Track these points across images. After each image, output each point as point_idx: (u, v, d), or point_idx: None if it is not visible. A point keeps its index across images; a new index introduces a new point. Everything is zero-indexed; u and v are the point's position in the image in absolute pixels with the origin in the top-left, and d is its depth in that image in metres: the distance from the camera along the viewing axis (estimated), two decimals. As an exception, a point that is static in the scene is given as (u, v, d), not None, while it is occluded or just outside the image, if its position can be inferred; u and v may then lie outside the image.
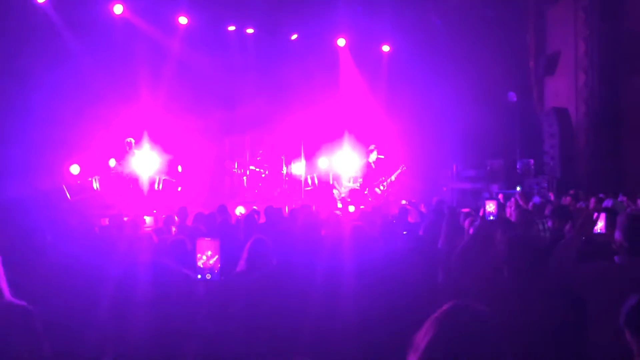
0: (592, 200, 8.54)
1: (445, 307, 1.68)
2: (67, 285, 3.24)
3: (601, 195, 9.35)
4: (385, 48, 15.94)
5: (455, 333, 1.60)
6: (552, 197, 10.32)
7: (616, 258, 3.28)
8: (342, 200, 13.27)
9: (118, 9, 12.66)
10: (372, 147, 13.69)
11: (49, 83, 11.05)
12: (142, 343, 1.76)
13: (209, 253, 3.19)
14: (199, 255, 3.19)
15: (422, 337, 1.64)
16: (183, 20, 13.71)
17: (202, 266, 3.18)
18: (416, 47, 14.91)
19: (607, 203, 8.53)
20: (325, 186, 14.10)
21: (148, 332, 1.77)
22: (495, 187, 14.32)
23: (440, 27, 15.60)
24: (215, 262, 3.20)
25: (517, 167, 15.09)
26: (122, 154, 12.14)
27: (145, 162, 12.17)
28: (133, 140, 12.15)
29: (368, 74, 15.47)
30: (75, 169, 11.82)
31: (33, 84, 11.14)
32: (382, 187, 13.71)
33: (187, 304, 1.76)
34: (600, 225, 3.85)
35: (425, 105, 14.68)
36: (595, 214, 3.46)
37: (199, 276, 3.16)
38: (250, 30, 14.88)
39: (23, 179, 10.18)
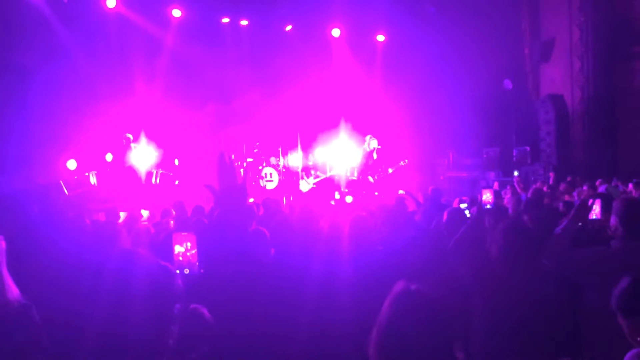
0: (585, 187, 8.57)
1: (395, 288, 1.81)
2: (64, 280, 3.23)
3: (598, 182, 9.36)
4: (380, 37, 15.90)
5: (403, 311, 1.75)
6: (551, 179, 10.27)
7: (612, 243, 3.30)
8: (338, 189, 13.27)
9: (111, 3, 12.58)
10: (368, 137, 13.70)
11: (44, 78, 10.99)
12: (141, 336, 1.76)
13: (189, 244, 3.11)
14: (176, 250, 3.13)
15: (381, 317, 1.80)
16: (177, 13, 13.64)
17: (180, 259, 3.10)
18: (411, 36, 14.87)
19: (602, 189, 8.57)
20: (325, 179, 14.07)
21: (146, 325, 1.76)
22: (491, 175, 14.34)
23: (434, 15, 15.56)
24: (193, 256, 3.12)
25: (514, 154, 15.11)
26: (119, 148, 12.11)
27: (143, 156, 12.16)
28: (131, 136, 12.14)
29: (363, 63, 15.42)
30: (72, 164, 11.80)
31: (28, 79, 11.09)
32: (375, 177, 13.72)
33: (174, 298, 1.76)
34: (596, 211, 3.86)
35: (421, 94, 14.65)
36: (591, 200, 3.47)
37: (178, 271, 3.06)
38: (244, 22, 14.81)
39: (19, 174, 10.15)
